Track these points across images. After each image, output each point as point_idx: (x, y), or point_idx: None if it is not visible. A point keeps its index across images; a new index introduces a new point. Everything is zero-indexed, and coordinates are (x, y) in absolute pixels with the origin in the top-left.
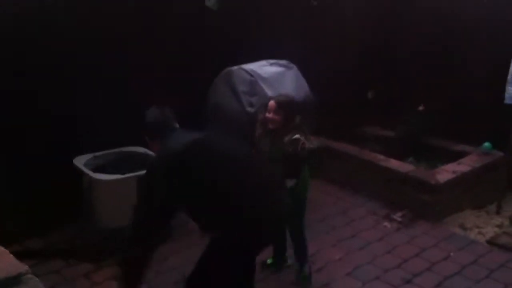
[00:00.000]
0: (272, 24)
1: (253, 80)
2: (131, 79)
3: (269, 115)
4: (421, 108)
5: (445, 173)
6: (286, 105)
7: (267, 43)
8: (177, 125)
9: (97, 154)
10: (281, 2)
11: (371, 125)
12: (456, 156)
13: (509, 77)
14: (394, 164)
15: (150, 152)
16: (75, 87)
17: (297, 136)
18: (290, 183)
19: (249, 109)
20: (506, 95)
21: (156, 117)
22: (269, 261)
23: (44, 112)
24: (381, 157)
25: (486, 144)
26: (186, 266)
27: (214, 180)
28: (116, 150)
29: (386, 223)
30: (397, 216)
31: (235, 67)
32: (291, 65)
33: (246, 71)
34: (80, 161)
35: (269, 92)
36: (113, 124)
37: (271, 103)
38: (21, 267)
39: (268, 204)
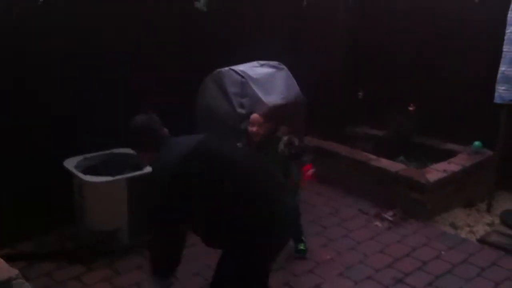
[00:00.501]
0: (263, 25)
1: (244, 81)
2: (122, 81)
3: (253, 128)
4: (411, 108)
5: (436, 172)
6: (270, 117)
7: (259, 44)
8: (166, 131)
9: (87, 155)
10: (273, 4)
11: (362, 125)
12: (446, 155)
13: (498, 76)
14: (384, 163)
15: None
16: (66, 89)
17: (287, 137)
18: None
19: (239, 110)
20: (496, 94)
21: (146, 126)
22: None
23: (35, 114)
24: (372, 156)
25: (476, 143)
26: (207, 271)
27: (217, 185)
28: (107, 151)
29: (377, 223)
30: (388, 215)
31: (225, 68)
32: (282, 66)
33: (236, 72)
34: (70, 163)
35: (260, 93)
36: (104, 125)
37: (255, 116)
38: (12, 271)
39: (271, 205)
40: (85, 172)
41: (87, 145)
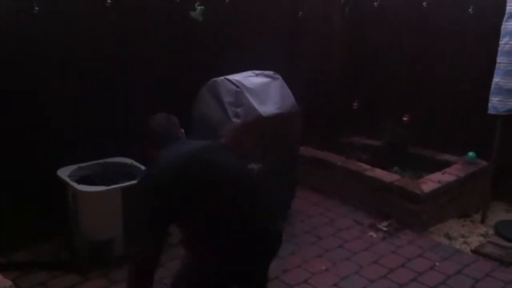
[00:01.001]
0: (258, 35)
1: (239, 91)
2: (115, 91)
3: None
4: (405, 118)
5: (430, 182)
6: (241, 139)
7: (254, 54)
8: (182, 134)
9: (81, 165)
10: (268, 14)
11: (357, 135)
12: (441, 166)
13: (492, 87)
14: (379, 173)
15: (136, 163)
16: (59, 98)
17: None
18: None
19: (234, 119)
20: (490, 105)
21: (161, 125)
22: None
23: (29, 122)
24: (367, 166)
25: (471, 153)
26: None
27: (210, 195)
28: (101, 161)
29: (372, 233)
30: (383, 225)
31: (220, 78)
32: (277, 75)
33: (231, 81)
34: (64, 173)
35: (255, 103)
36: (98, 134)
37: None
38: (5, 282)
39: (260, 222)
40: (79, 181)
41: (78, 154)
